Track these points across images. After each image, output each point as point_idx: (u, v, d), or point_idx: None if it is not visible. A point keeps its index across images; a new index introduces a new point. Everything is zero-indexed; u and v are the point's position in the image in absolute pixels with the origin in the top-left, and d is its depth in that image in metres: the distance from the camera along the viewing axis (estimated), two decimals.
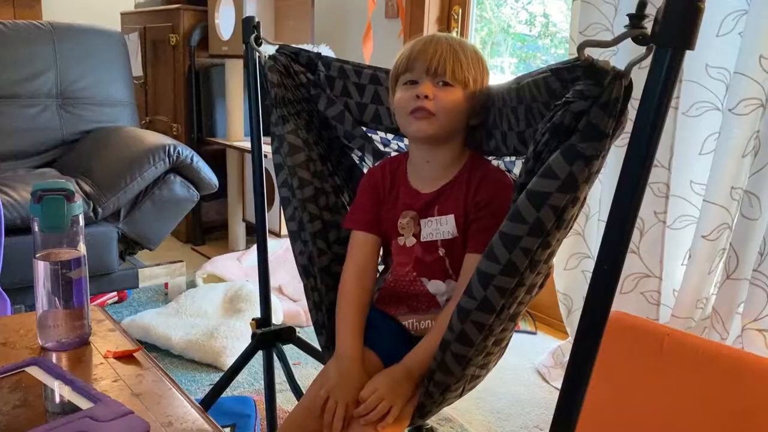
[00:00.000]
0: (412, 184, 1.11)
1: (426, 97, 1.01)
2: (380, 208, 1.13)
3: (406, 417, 0.99)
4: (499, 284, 0.85)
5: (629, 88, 0.74)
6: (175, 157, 2.15)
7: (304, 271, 1.18)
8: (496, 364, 1.08)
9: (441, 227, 1.06)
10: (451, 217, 1.05)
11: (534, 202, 0.80)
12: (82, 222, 0.94)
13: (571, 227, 0.88)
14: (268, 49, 1.32)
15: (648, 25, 0.65)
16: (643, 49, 0.67)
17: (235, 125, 3.05)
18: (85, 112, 2.50)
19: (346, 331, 1.07)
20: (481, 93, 1.05)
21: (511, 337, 1.05)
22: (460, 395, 1.05)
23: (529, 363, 2.09)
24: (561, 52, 2.56)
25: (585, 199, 0.85)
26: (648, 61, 0.66)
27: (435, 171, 1.08)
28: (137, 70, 3.32)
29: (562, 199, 0.79)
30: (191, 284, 2.51)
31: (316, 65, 1.26)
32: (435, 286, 1.07)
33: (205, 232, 3.29)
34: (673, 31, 0.61)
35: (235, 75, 3.00)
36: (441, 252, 1.06)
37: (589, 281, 0.72)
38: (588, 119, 0.74)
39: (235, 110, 3.04)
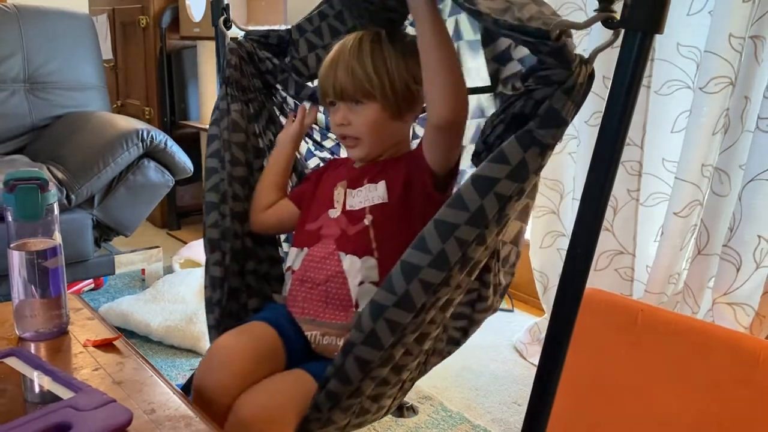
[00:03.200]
0: (354, 164, 1.11)
1: (343, 124, 1.02)
2: (314, 191, 1.14)
3: (289, 427, 0.89)
4: (425, 278, 0.77)
5: (592, 73, 0.73)
6: (148, 142, 2.12)
7: (211, 245, 1.13)
8: (385, 412, 0.99)
9: (370, 193, 1.03)
10: (381, 183, 1.02)
11: (479, 188, 0.75)
12: (56, 211, 0.93)
13: (505, 228, 0.83)
14: (239, 33, 1.31)
15: (618, 7, 0.66)
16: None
17: (208, 108, 3.01)
18: (55, 97, 2.46)
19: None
20: (407, 88, 1.01)
21: (412, 379, 0.97)
22: (345, 426, 0.95)
23: (506, 340, 2.12)
24: None
25: (526, 195, 0.81)
26: (618, 41, 0.67)
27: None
28: (107, 53, 3.25)
29: (510, 187, 0.75)
30: (168, 270, 2.49)
31: (287, 43, 1.24)
32: (350, 262, 0.99)
33: (180, 216, 3.26)
34: (642, 14, 0.62)
35: (207, 57, 2.96)
36: (367, 220, 1.00)
37: (563, 259, 0.73)
38: (550, 103, 0.72)
39: (208, 93, 3.00)
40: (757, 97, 1.45)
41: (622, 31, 0.64)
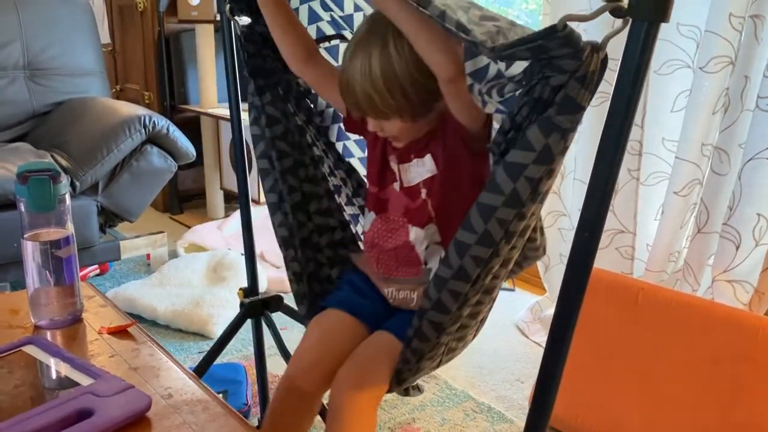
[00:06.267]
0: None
1: (377, 130, 1.04)
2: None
3: (384, 382, 1.01)
4: (474, 254, 0.87)
5: (605, 60, 0.75)
6: (151, 128, 2.13)
7: (284, 243, 1.19)
8: (473, 338, 1.10)
9: (420, 168, 1.06)
10: (428, 157, 1.05)
11: (510, 174, 0.81)
12: (68, 201, 0.94)
13: (544, 200, 0.89)
14: (244, 18, 1.30)
15: None
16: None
17: (208, 92, 3.01)
18: (55, 83, 2.46)
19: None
20: (424, 89, 0.98)
21: (488, 311, 1.06)
22: (437, 365, 1.07)
23: (508, 319, 2.14)
24: (533, 7, 2.58)
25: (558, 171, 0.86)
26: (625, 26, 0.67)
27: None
28: (104, 38, 3.24)
29: (539, 170, 0.80)
30: (173, 254, 2.51)
31: None
32: (415, 232, 1.07)
33: (182, 200, 3.27)
34: (648, 4, 0.63)
35: (205, 40, 2.95)
36: (423, 194, 1.06)
37: (565, 238, 0.75)
38: (565, 92, 0.74)
39: (207, 76, 2.99)
40: (756, 77, 1.46)
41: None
